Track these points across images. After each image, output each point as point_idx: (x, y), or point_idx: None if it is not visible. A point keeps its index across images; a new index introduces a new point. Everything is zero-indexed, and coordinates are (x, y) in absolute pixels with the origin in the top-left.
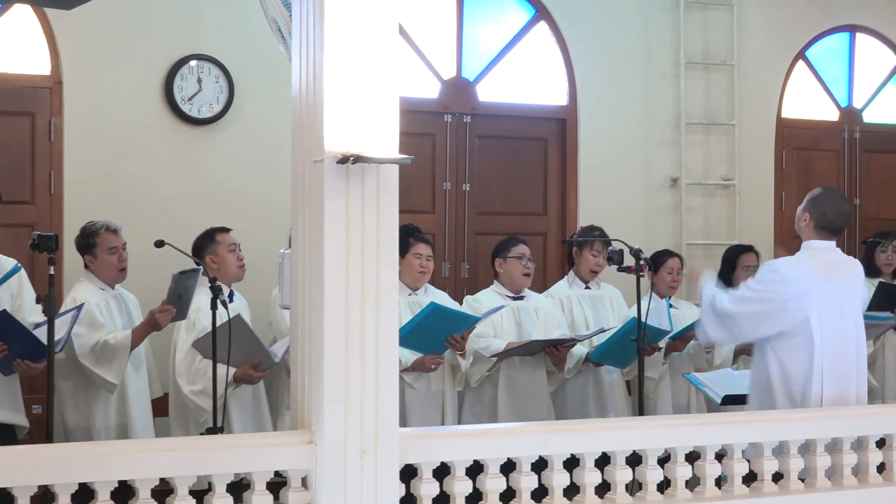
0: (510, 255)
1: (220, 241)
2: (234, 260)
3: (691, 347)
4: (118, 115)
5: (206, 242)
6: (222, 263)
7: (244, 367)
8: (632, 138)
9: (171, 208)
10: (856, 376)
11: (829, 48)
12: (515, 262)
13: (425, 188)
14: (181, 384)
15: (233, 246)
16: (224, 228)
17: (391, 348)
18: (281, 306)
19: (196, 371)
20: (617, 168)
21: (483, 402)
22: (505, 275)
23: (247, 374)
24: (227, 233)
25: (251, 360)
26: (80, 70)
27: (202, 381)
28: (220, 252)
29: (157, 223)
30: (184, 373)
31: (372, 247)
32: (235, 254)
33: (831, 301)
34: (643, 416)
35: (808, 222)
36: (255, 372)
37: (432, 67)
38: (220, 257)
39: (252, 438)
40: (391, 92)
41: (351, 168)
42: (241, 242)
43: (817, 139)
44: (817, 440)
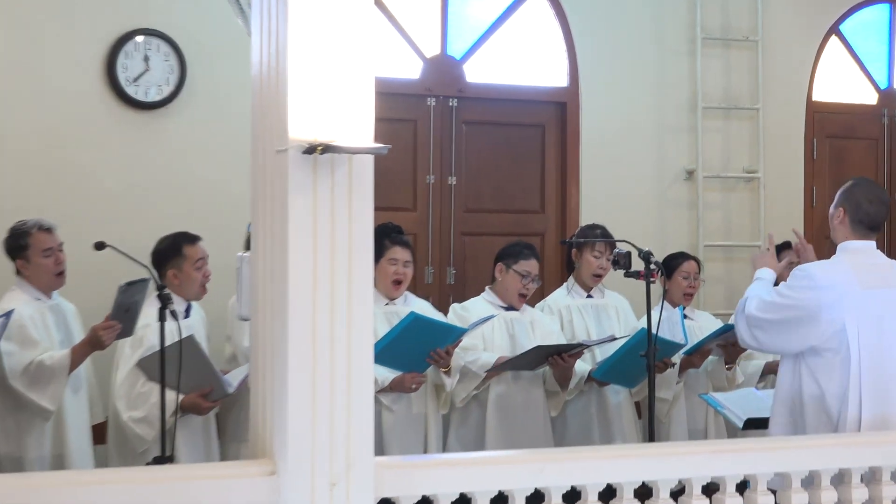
0: (515, 267)
1: (186, 256)
2: (199, 278)
3: (709, 363)
4: (53, 98)
5: (170, 253)
6: (185, 280)
7: (192, 396)
8: (641, 125)
9: (115, 205)
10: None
11: (867, 22)
12: (515, 278)
13: (405, 182)
14: (120, 409)
15: (201, 261)
16: (192, 237)
17: (365, 365)
18: (239, 317)
19: (138, 395)
20: (624, 159)
21: (470, 425)
22: (501, 284)
23: (195, 404)
24: (195, 244)
25: (202, 386)
26: (9, 47)
27: (144, 407)
28: (184, 267)
29: (98, 222)
30: (123, 396)
31: (343, 249)
32: (202, 270)
33: (871, 311)
34: (654, 442)
35: (843, 218)
36: (204, 402)
37: (413, 43)
38: (185, 273)
39: (206, 469)
40: (366, 71)
41: (319, 159)
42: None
43: (853, 126)
44: (853, 469)
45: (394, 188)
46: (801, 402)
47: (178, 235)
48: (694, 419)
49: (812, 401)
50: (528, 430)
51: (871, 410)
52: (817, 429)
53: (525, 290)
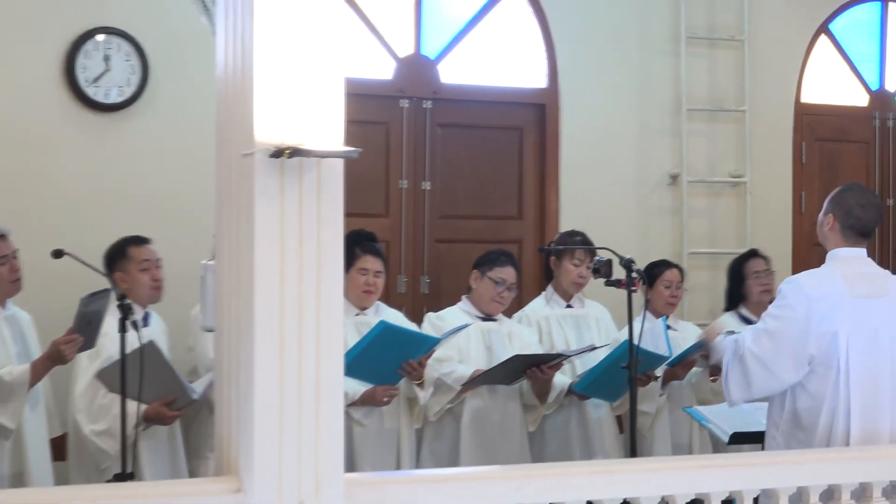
0: (489, 274)
1: (131, 257)
2: (146, 280)
3: (693, 375)
4: (8, 99)
5: (116, 255)
6: (133, 283)
7: (156, 405)
8: (623, 128)
9: (73, 210)
10: (891, 410)
11: (857, 21)
12: (489, 285)
13: (377, 187)
14: (81, 422)
15: (147, 263)
16: (139, 239)
17: (335, 378)
18: (203, 328)
19: (99, 407)
20: (606, 163)
21: (444, 440)
22: (476, 292)
23: (159, 413)
24: (141, 246)
25: (165, 395)
26: None
27: (106, 420)
28: (130, 269)
29: (55, 228)
30: (84, 409)
31: (312, 258)
32: (150, 273)
33: (863, 321)
34: (636, 457)
35: (833, 225)
36: (168, 410)
37: (385, 43)
38: (131, 276)
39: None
40: (336, 72)
41: (286, 163)
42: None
43: (843, 128)
44: (843, 485)
45: (365, 193)
46: (787, 415)
47: (125, 238)
48: (678, 433)
49: (800, 414)
50: (505, 446)
51: (860, 424)
52: (805, 443)
53: (499, 299)
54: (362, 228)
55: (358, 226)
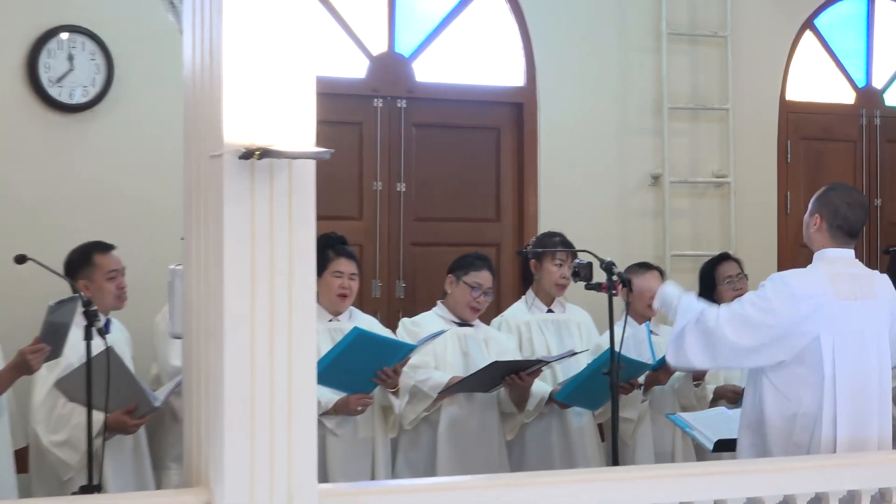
0: (465, 278)
1: (97, 265)
2: (111, 289)
3: (676, 380)
4: None
5: (80, 263)
6: (97, 292)
7: (117, 413)
8: (603, 127)
9: (37, 215)
10: (878, 416)
11: (843, 16)
12: (465, 290)
13: (351, 189)
14: (40, 433)
15: (113, 272)
16: (104, 246)
17: (307, 386)
18: (171, 335)
19: (58, 417)
20: (585, 163)
21: (420, 449)
22: (452, 297)
23: (120, 422)
24: (107, 253)
25: (126, 403)
26: None
27: (66, 430)
28: (96, 278)
29: (18, 233)
30: (42, 419)
31: (283, 262)
32: (116, 281)
33: (849, 324)
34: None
35: (820, 225)
36: (130, 419)
37: (358, 40)
38: (96, 284)
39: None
40: (307, 70)
41: (256, 164)
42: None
43: (829, 127)
44: (830, 493)
45: (338, 195)
46: (768, 421)
47: (90, 244)
48: (660, 441)
49: (782, 420)
50: (483, 455)
51: (847, 430)
52: (787, 449)
53: (476, 304)
54: (332, 231)
55: (330, 229)
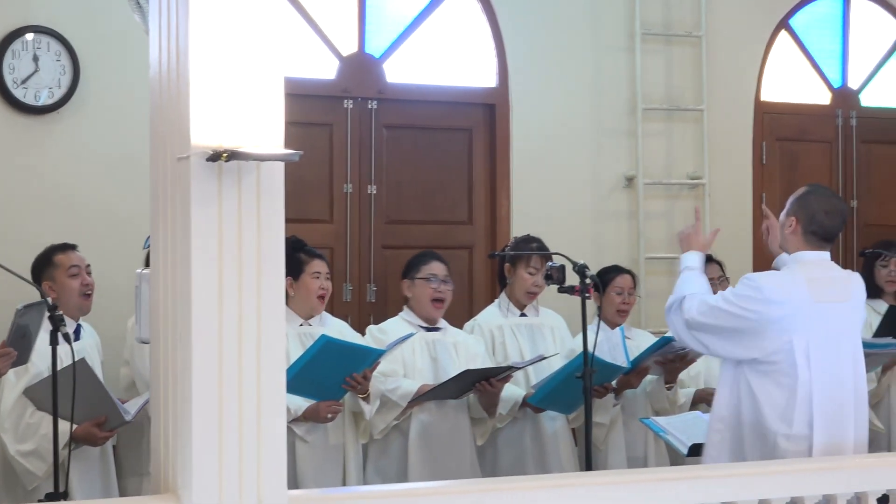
0: (418, 275)
1: (58, 264)
2: (75, 286)
3: (648, 383)
4: None
5: (43, 264)
6: (62, 290)
7: (86, 425)
8: (577, 128)
9: (2, 218)
10: (854, 418)
11: (819, 16)
12: (423, 285)
13: (321, 191)
14: (7, 442)
15: (75, 269)
16: (65, 246)
17: (277, 392)
18: (138, 340)
19: (26, 426)
20: (559, 165)
21: (391, 455)
22: (413, 299)
23: (89, 434)
24: (67, 252)
25: (96, 415)
26: None
27: (33, 440)
28: (58, 277)
29: None
30: (10, 428)
31: (252, 265)
32: (79, 278)
33: (825, 327)
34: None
35: (795, 228)
36: (99, 431)
37: (328, 41)
38: (59, 283)
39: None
40: (275, 71)
41: (224, 166)
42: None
43: (805, 127)
44: (806, 498)
45: (308, 198)
46: (740, 422)
47: (51, 246)
48: (633, 445)
49: (754, 423)
50: (454, 460)
51: (823, 433)
52: (761, 453)
53: (437, 294)
54: (293, 235)
55: (301, 232)
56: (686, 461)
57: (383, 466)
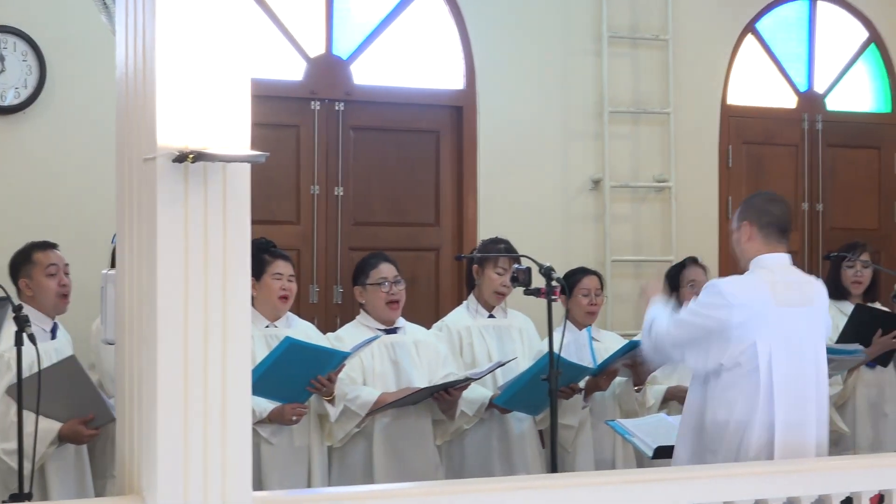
0: (368, 281)
1: (36, 262)
2: (52, 285)
3: (617, 385)
4: None
5: (21, 261)
6: (38, 289)
7: (73, 423)
8: (544, 131)
9: None
10: (816, 421)
11: (785, 20)
12: (375, 291)
13: (287, 193)
14: None
15: (53, 268)
16: (45, 244)
17: (242, 394)
18: (104, 341)
19: (11, 424)
20: (525, 167)
21: (355, 457)
22: (368, 304)
23: (75, 432)
24: (46, 251)
25: (83, 413)
26: None
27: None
28: (35, 275)
29: None
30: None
31: (217, 267)
32: (56, 278)
33: (787, 330)
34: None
35: (751, 232)
36: (85, 429)
37: (295, 42)
38: (35, 282)
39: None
40: (242, 72)
41: (190, 168)
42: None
43: (771, 131)
44: (769, 500)
45: (275, 200)
46: (707, 426)
47: (31, 243)
48: (601, 448)
49: (718, 425)
50: (419, 462)
51: (785, 436)
52: (725, 455)
53: (391, 297)
54: (261, 237)
55: (267, 233)
56: (652, 463)
57: (348, 468)
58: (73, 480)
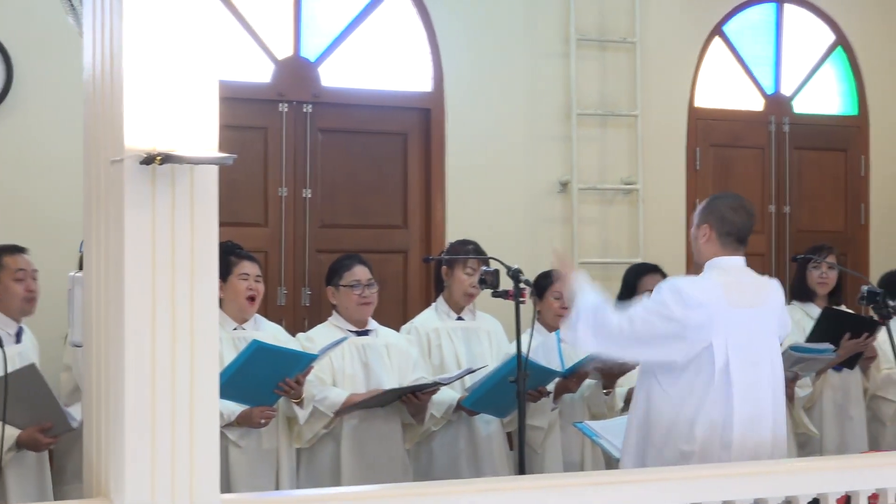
0: (342, 283)
1: (4, 265)
2: (19, 290)
3: (586, 388)
4: None
5: None
6: (5, 293)
7: (31, 430)
8: (512, 133)
9: None
10: (772, 419)
11: (752, 22)
12: (348, 293)
13: (255, 195)
14: None
15: (21, 273)
16: (14, 248)
17: (210, 396)
18: (71, 343)
19: None
20: (493, 170)
21: (324, 459)
22: (340, 305)
23: (33, 439)
24: (15, 255)
25: (41, 421)
26: None
27: None
28: (2, 279)
29: None
30: None
31: (185, 268)
32: (24, 283)
33: (742, 331)
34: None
35: (709, 235)
36: (43, 437)
37: (263, 44)
38: (3, 285)
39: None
40: (210, 74)
41: (158, 170)
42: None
43: (738, 133)
44: (736, 502)
45: (242, 202)
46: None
47: (1, 246)
48: (570, 450)
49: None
50: (387, 464)
51: (742, 434)
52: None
53: (363, 300)
54: (229, 240)
55: (235, 236)
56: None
57: (316, 470)
58: (33, 486)
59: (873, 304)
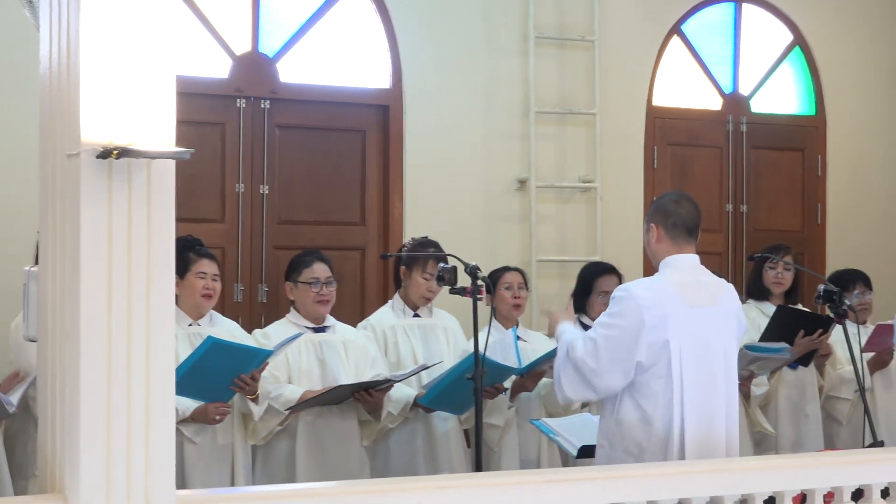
0: (300, 279)
1: None
2: None
3: (543, 386)
4: None
5: None
6: None
7: None
8: (470, 130)
9: None
10: (726, 419)
11: (710, 22)
12: (306, 289)
13: (212, 191)
14: None
15: None
16: None
17: (166, 392)
18: (26, 338)
19: None
20: (451, 167)
21: (279, 455)
22: (297, 302)
23: None
24: None
25: None
26: None
27: None
28: None
29: None
30: None
31: (141, 264)
32: None
33: (697, 331)
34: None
35: (659, 234)
36: None
37: (221, 39)
38: None
39: None
40: (167, 68)
41: (114, 164)
42: None
43: (696, 132)
44: (693, 500)
45: (199, 197)
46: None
47: None
48: (526, 448)
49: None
50: (343, 461)
51: (695, 433)
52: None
53: (321, 297)
54: (189, 234)
55: (192, 231)
56: (577, 463)
57: (272, 467)
58: None
59: (830, 303)
